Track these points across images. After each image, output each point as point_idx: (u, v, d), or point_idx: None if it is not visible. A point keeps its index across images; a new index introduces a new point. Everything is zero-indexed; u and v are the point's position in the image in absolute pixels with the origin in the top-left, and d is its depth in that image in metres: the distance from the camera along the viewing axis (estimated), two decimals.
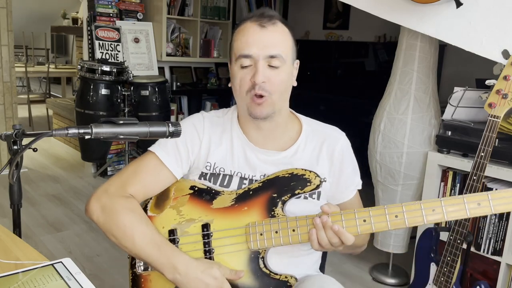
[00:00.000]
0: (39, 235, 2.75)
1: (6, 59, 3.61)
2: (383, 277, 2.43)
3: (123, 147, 3.86)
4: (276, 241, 1.04)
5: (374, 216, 0.98)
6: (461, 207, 0.93)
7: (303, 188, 1.07)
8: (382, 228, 0.97)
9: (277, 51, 1.02)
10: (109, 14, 3.71)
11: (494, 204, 0.92)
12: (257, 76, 1.02)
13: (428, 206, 0.95)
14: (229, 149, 1.14)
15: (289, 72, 1.07)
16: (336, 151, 1.14)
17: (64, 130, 0.87)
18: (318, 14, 4.64)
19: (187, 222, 1.10)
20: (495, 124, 1.46)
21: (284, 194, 1.07)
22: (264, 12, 1.06)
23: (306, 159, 1.13)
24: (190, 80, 4.33)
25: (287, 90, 1.09)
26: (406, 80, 2.16)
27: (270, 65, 1.03)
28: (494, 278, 1.85)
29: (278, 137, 1.14)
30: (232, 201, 1.09)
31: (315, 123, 1.20)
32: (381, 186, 2.32)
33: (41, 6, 7.46)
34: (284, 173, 1.08)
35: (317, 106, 4.10)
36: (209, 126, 1.15)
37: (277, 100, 1.05)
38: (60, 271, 0.81)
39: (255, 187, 1.09)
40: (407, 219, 0.95)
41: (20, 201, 0.97)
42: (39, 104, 6.26)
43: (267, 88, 1.03)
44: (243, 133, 1.14)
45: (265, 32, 1.03)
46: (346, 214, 0.99)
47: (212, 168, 1.13)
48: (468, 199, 0.93)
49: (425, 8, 1.72)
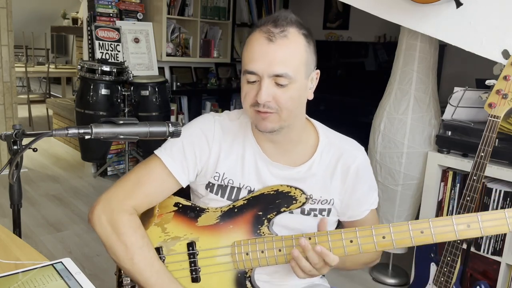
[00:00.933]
0: (39, 235, 2.75)
1: (6, 59, 3.60)
2: (383, 277, 2.43)
3: (123, 147, 3.86)
4: (262, 261, 1.02)
5: (361, 237, 0.95)
6: (450, 229, 0.90)
7: (289, 206, 1.03)
8: (369, 250, 0.95)
9: (283, 70, 0.93)
10: (109, 14, 3.71)
11: (484, 226, 0.89)
12: (260, 95, 0.94)
13: (416, 228, 0.92)
14: (240, 159, 1.07)
15: (300, 88, 0.97)
16: (351, 169, 1.07)
17: (64, 130, 0.87)
18: (318, 14, 4.64)
19: (173, 240, 1.07)
20: (495, 124, 1.46)
21: (269, 212, 1.04)
22: (278, 19, 0.94)
23: (320, 175, 1.07)
24: (190, 80, 4.33)
25: (299, 106, 1.00)
26: (406, 80, 2.16)
27: (276, 83, 0.94)
28: (494, 278, 1.85)
29: (291, 151, 1.07)
30: (217, 218, 1.06)
31: (333, 135, 1.12)
32: (381, 186, 2.32)
33: (41, 6, 7.46)
34: (269, 190, 1.04)
35: (317, 106, 4.10)
36: (219, 132, 1.08)
37: (286, 117, 0.97)
38: (60, 271, 0.81)
39: (239, 204, 1.06)
40: (395, 241, 0.93)
41: (20, 201, 0.97)
42: (39, 104, 6.26)
43: (273, 106, 0.95)
44: (257, 142, 1.07)
45: (272, 48, 0.93)
46: (333, 235, 0.96)
47: (220, 179, 1.08)
48: (457, 220, 0.90)
49: (425, 8, 1.72)
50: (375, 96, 2.49)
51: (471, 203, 1.50)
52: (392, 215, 2.34)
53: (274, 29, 0.93)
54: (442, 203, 2.02)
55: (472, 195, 1.50)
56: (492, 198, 1.80)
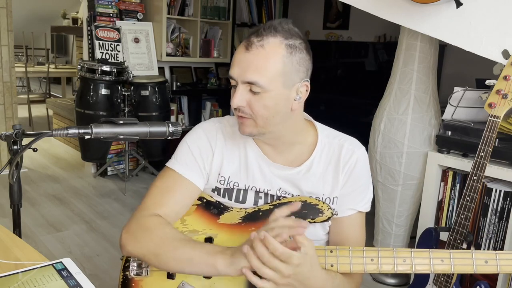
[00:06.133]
0: (39, 235, 2.75)
1: (6, 59, 3.61)
2: (383, 277, 2.43)
3: (123, 147, 3.86)
4: None
5: (382, 257, 0.95)
6: (469, 262, 0.93)
7: (314, 218, 1.04)
8: (389, 270, 0.96)
9: (255, 78, 0.94)
10: (109, 14, 3.71)
11: (501, 264, 0.92)
12: (233, 99, 0.97)
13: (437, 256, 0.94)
14: (244, 162, 1.09)
15: (276, 97, 0.96)
16: (348, 165, 1.07)
17: (64, 130, 0.88)
18: (318, 14, 4.64)
19: (190, 233, 1.07)
20: (495, 124, 1.46)
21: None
22: (262, 29, 0.96)
23: (321, 174, 1.07)
24: (190, 80, 4.33)
25: (277, 115, 0.98)
26: (406, 80, 2.16)
27: (251, 90, 0.96)
28: (494, 278, 1.85)
29: (289, 152, 1.08)
30: (240, 219, 1.07)
31: (333, 135, 1.11)
32: (381, 186, 2.32)
33: (41, 6, 7.46)
34: (297, 200, 1.05)
35: (317, 106, 4.10)
36: (221, 138, 1.10)
37: (262, 124, 0.99)
38: (60, 271, 0.81)
39: (265, 209, 1.06)
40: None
41: (20, 201, 0.97)
42: (39, 104, 6.26)
43: (247, 111, 0.98)
44: (257, 145, 1.09)
45: (247, 56, 0.95)
46: (354, 251, 0.96)
47: (226, 183, 1.09)
48: (476, 255, 0.93)
49: (425, 8, 1.72)
50: (375, 96, 2.50)
51: (471, 203, 1.50)
52: (392, 215, 2.34)
53: (255, 38, 0.95)
54: (442, 203, 2.02)
55: (472, 195, 1.50)
56: (492, 198, 1.80)
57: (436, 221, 2.07)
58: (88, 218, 3.04)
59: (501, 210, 1.79)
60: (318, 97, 4.09)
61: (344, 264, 0.95)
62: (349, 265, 0.95)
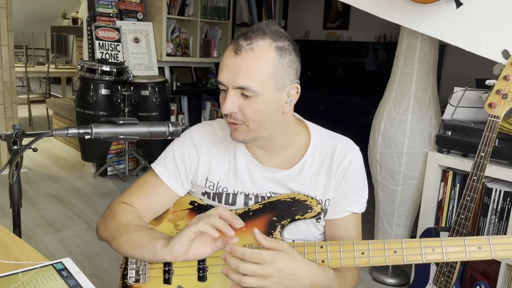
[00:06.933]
0: (39, 235, 2.75)
1: (6, 59, 3.61)
2: (383, 277, 2.43)
3: (123, 147, 3.86)
4: None
5: (372, 250, 0.94)
6: (462, 249, 0.90)
7: (304, 214, 1.03)
8: (380, 263, 0.93)
9: (246, 82, 0.92)
10: (109, 14, 3.71)
11: (495, 249, 0.89)
12: (224, 106, 0.95)
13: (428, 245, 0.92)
14: (233, 167, 1.09)
15: (268, 101, 0.95)
16: (341, 166, 1.05)
17: (64, 130, 0.88)
18: (318, 14, 4.64)
19: None
20: (495, 124, 1.46)
21: (284, 218, 1.04)
22: (251, 32, 0.94)
23: (313, 176, 1.06)
24: (190, 80, 4.33)
25: (269, 118, 0.97)
26: (406, 80, 2.16)
27: (243, 94, 0.94)
28: (494, 278, 1.85)
29: (280, 154, 1.07)
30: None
31: (326, 135, 1.10)
32: (381, 186, 2.32)
33: (41, 6, 7.46)
34: (285, 197, 1.05)
35: (317, 106, 4.10)
36: (209, 142, 1.10)
37: (255, 128, 0.97)
38: (60, 271, 0.81)
39: (255, 208, 1.06)
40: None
41: (20, 201, 0.97)
42: (39, 104, 6.26)
43: (239, 117, 0.96)
44: (247, 149, 1.08)
45: (237, 60, 0.93)
46: (345, 245, 0.95)
47: (215, 188, 1.10)
48: (468, 241, 0.90)
49: (425, 8, 1.72)
50: (375, 96, 2.50)
51: (471, 203, 1.50)
52: (392, 215, 2.34)
53: (243, 42, 0.93)
54: (442, 203, 2.02)
55: (472, 195, 1.50)
56: (492, 198, 1.80)
57: (436, 221, 2.07)
58: (88, 218, 3.04)
59: (501, 210, 1.79)
60: (318, 97, 4.09)
61: (335, 259, 0.95)
62: (340, 259, 0.94)
